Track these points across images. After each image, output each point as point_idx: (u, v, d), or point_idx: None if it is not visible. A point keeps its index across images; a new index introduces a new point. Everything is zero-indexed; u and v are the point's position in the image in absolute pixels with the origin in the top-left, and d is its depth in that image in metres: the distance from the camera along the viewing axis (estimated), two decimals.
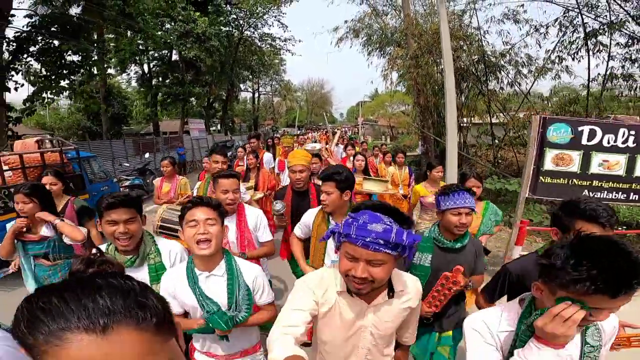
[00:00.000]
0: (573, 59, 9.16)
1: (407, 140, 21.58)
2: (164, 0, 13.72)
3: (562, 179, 3.44)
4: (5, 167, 4.06)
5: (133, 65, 21.44)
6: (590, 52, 8.73)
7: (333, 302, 1.21)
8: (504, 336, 1.08)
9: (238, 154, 5.71)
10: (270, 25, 25.67)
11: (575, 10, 8.76)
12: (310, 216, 2.28)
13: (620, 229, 5.03)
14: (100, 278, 0.47)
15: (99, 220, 1.68)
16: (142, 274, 1.74)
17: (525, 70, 10.14)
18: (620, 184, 3.41)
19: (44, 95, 11.84)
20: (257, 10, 23.48)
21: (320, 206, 2.25)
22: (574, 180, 3.42)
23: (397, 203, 4.62)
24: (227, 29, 22.45)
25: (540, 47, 9.88)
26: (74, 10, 13.16)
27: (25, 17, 11.39)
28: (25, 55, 11.35)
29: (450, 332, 1.98)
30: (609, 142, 3.32)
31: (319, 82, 59.23)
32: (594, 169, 3.39)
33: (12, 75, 11.30)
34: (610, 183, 3.41)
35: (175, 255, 1.81)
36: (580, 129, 3.35)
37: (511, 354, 1.03)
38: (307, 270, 2.11)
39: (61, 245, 2.33)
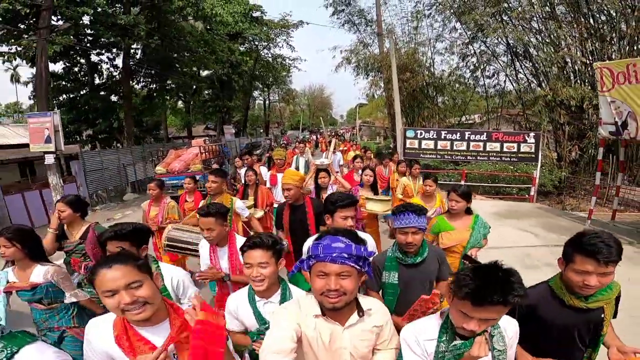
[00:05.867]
0: (475, 80, 15.38)
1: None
2: (229, 49, 20.18)
3: (413, 150, 9.52)
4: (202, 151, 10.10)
5: None
6: (484, 76, 14.92)
7: (314, 327, 1.34)
8: (429, 344, 1.32)
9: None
10: (280, 47, 31.48)
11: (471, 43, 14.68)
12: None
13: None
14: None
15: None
16: None
17: (460, 87, 16.22)
18: (434, 153, 9.54)
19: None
20: (271, 37, 29.46)
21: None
22: (416, 150, 9.51)
23: None
24: (248, 51, 28.61)
25: (471, 72, 15.64)
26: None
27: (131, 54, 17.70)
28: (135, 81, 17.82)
29: None
30: (427, 136, 9.46)
31: (320, 88, 63.84)
32: (423, 146, 9.51)
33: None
34: (429, 152, 9.54)
35: (178, 281, 1.90)
36: (417, 131, 9.52)
37: None
38: None
39: (54, 291, 2.16)
